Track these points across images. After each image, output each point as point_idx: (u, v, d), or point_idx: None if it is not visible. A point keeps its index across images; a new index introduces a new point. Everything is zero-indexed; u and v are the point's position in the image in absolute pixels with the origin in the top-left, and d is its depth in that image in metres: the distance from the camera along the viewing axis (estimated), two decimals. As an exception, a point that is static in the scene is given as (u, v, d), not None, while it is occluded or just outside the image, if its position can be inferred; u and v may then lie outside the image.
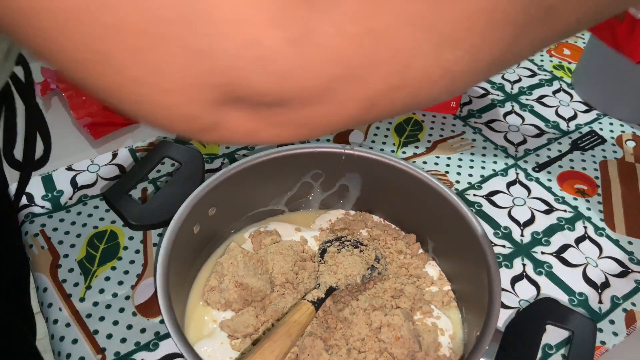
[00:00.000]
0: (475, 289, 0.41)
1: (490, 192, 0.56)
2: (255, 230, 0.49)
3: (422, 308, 0.44)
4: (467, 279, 0.44)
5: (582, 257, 0.51)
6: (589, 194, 0.57)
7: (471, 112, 0.66)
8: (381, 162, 0.47)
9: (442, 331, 0.43)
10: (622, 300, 0.47)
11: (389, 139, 0.62)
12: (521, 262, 0.50)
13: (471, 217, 0.42)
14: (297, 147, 0.47)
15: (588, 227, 0.53)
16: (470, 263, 0.42)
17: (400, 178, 0.47)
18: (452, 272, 0.47)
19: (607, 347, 0.44)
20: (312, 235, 0.49)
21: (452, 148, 0.61)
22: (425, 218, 0.47)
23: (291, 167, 0.48)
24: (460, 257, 0.45)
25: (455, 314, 0.44)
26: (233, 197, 0.46)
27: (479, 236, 0.41)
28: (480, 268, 0.40)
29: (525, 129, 0.64)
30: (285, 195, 0.50)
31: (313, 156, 0.47)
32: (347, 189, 0.50)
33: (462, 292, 0.45)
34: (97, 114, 0.61)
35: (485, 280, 0.39)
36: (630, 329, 0.45)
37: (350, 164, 0.48)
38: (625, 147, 0.63)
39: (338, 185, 0.50)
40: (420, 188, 0.46)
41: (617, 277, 0.49)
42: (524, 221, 0.54)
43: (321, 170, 0.49)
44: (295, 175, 0.49)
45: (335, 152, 0.47)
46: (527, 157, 0.61)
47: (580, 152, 0.61)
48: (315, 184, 0.50)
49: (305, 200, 0.51)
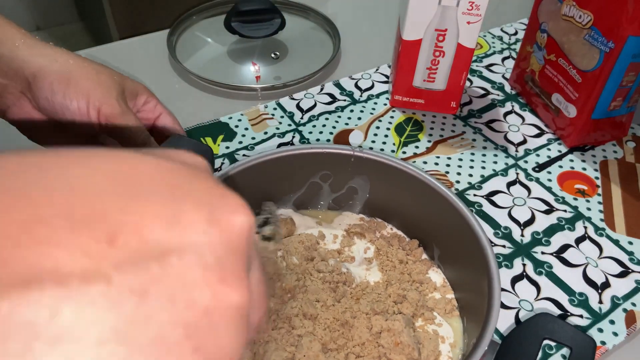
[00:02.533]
0: (476, 298, 0.41)
1: (490, 192, 0.56)
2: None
3: (425, 315, 0.43)
4: (470, 287, 0.43)
5: (582, 257, 0.51)
6: (589, 194, 0.57)
7: (471, 112, 0.66)
8: (391, 166, 0.46)
9: (442, 339, 0.42)
10: (622, 301, 0.47)
11: (389, 139, 0.62)
12: (521, 262, 0.50)
13: (475, 225, 0.42)
14: (307, 147, 0.47)
15: (588, 227, 0.53)
16: (472, 271, 0.42)
17: (409, 183, 0.46)
18: (456, 279, 0.46)
19: (607, 347, 0.44)
20: (333, 232, 0.49)
21: (453, 148, 0.61)
22: (432, 224, 0.47)
23: (301, 166, 0.47)
24: (464, 265, 0.44)
25: (457, 322, 0.44)
26: (241, 194, 0.45)
27: (482, 246, 0.40)
28: (481, 276, 0.40)
29: (525, 129, 0.64)
30: (294, 195, 0.50)
31: (322, 156, 0.47)
32: (356, 191, 0.50)
33: (464, 300, 0.45)
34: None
35: (485, 289, 0.39)
36: (630, 329, 0.45)
37: (359, 166, 0.48)
38: (626, 147, 0.63)
39: (346, 187, 0.50)
40: (426, 193, 0.45)
41: (617, 277, 0.49)
42: (524, 221, 0.54)
43: (330, 172, 0.49)
44: (304, 175, 0.49)
45: (344, 153, 0.47)
46: (528, 157, 0.61)
47: (581, 152, 0.61)
48: (324, 185, 0.50)
49: (314, 201, 0.51)
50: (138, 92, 0.45)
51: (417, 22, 0.58)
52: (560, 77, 0.60)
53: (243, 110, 0.65)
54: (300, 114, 0.65)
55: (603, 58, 0.54)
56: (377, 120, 0.64)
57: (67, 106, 0.41)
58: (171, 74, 0.71)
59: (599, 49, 0.54)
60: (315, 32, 0.78)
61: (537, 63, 0.64)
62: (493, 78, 0.71)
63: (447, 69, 0.61)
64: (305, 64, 0.70)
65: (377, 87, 0.69)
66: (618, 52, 0.52)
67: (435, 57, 0.61)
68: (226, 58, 0.72)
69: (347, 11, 0.86)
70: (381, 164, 0.47)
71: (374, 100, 0.67)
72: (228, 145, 0.60)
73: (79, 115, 0.41)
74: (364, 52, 0.76)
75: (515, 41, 0.78)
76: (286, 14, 0.73)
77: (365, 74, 0.71)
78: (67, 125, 0.42)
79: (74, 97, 0.40)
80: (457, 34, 0.58)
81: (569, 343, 0.39)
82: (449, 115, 0.66)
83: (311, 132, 0.62)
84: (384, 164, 0.47)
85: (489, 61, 0.74)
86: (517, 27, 0.81)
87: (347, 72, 0.72)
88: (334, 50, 0.73)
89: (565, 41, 0.59)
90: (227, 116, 0.64)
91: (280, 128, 0.63)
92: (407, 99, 0.65)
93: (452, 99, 0.64)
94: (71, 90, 0.40)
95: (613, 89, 0.55)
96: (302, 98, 0.67)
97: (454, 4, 0.56)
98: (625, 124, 0.62)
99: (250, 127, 0.63)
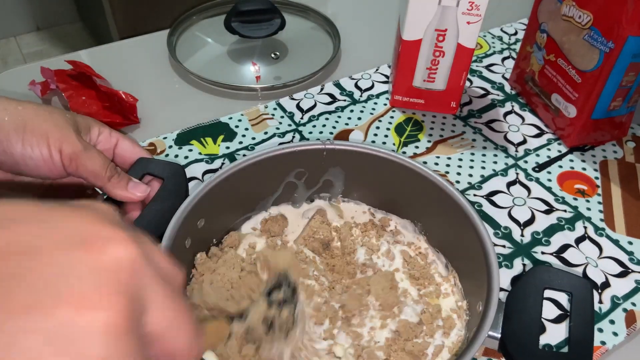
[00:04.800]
0: (472, 263, 0.42)
1: (490, 192, 0.56)
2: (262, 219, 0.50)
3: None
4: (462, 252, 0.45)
5: (582, 257, 0.51)
6: (589, 194, 0.57)
7: (471, 112, 0.66)
8: (362, 153, 0.48)
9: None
10: (622, 300, 0.47)
11: (389, 139, 0.62)
12: (521, 262, 0.50)
13: (452, 190, 0.44)
14: (278, 149, 0.47)
15: (588, 227, 0.53)
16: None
17: (381, 166, 0.47)
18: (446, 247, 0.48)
19: (607, 347, 0.44)
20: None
21: (452, 148, 0.61)
22: (415, 201, 0.49)
23: (274, 168, 0.48)
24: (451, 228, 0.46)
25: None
26: (220, 206, 0.46)
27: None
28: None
29: (525, 129, 0.64)
30: (271, 197, 0.50)
31: (295, 155, 0.47)
32: (332, 184, 0.51)
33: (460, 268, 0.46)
34: (97, 113, 0.61)
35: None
36: (630, 329, 0.45)
37: (332, 158, 0.48)
38: (626, 147, 0.63)
39: (322, 181, 0.51)
40: (403, 173, 0.47)
41: (617, 277, 0.49)
42: (524, 221, 0.54)
43: (304, 168, 0.49)
44: (279, 177, 0.49)
45: (316, 148, 0.48)
46: (527, 157, 0.61)
47: (580, 152, 0.61)
48: (299, 183, 0.50)
49: (291, 200, 0.51)
50: (90, 126, 0.44)
51: (417, 22, 0.58)
52: (560, 77, 0.60)
53: (243, 110, 0.65)
54: (300, 114, 0.65)
55: (603, 58, 0.54)
56: (377, 120, 0.65)
57: (28, 155, 0.39)
58: (171, 74, 0.71)
59: (598, 49, 0.54)
60: (315, 32, 0.78)
61: (537, 63, 0.64)
62: (493, 78, 0.72)
63: (447, 69, 0.61)
64: (305, 64, 0.70)
65: (377, 87, 0.69)
66: (618, 52, 0.52)
67: (435, 57, 0.61)
68: (226, 58, 0.72)
69: (347, 11, 0.86)
70: (353, 153, 0.48)
71: (374, 100, 0.67)
72: (228, 146, 0.60)
73: (42, 162, 0.40)
74: (364, 52, 0.76)
75: (515, 41, 0.78)
76: (286, 14, 0.73)
77: (365, 74, 0.71)
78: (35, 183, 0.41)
79: (35, 144, 0.39)
80: (457, 34, 0.58)
81: (568, 289, 0.40)
82: (449, 115, 0.66)
83: (311, 132, 0.62)
84: (356, 152, 0.48)
85: (488, 61, 0.74)
86: (517, 27, 0.81)
87: (347, 72, 0.72)
88: (334, 50, 0.73)
89: (565, 41, 0.59)
90: (227, 116, 0.64)
91: (281, 128, 0.63)
92: (407, 99, 0.65)
93: (452, 99, 0.64)
94: (28, 136, 0.39)
95: (613, 89, 0.55)
96: (302, 98, 0.67)
97: (454, 4, 0.56)
98: (625, 124, 0.62)
99: (250, 127, 0.63)
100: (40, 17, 2.14)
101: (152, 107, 0.65)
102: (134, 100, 0.62)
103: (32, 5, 2.10)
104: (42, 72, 0.65)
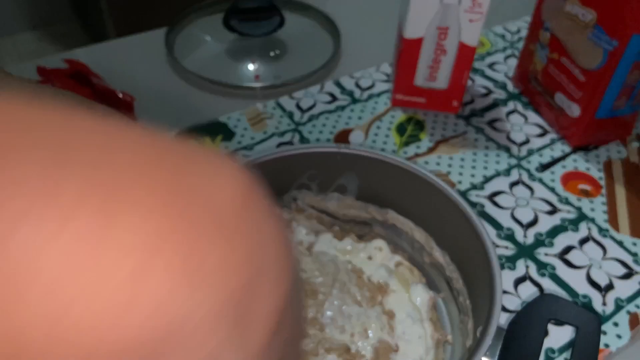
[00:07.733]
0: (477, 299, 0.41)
1: (492, 192, 0.56)
2: None
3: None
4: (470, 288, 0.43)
5: (585, 259, 0.50)
6: (592, 195, 0.56)
7: (473, 111, 0.66)
8: (377, 160, 0.46)
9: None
10: (626, 303, 0.47)
11: (390, 139, 0.61)
12: (524, 264, 0.49)
13: (469, 210, 0.42)
14: (292, 149, 0.46)
15: (592, 228, 0.53)
16: (473, 267, 0.42)
17: (396, 175, 0.46)
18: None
19: (611, 349, 0.44)
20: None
21: (454, 148, 0.61)
22: (425, 215, 0.47)
23: (287, 169, 0.47)
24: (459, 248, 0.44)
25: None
26: None
27: (484, 242, 0.40)
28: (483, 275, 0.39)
29: (528, 129, 0.64)
30: (281, 197, 0.49)
31: (308, 156, 0.46)
32: (345, 189, 0.50)
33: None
34: (94, 113, 0.60)
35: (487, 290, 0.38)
36: (634, 332, 0.45)
37: (346, 163, 0.47)
38: (630, 147, 0.62)
39: (336, 185, 0.50)
40: (417, 184, 0.45)
41: (621, 279, 0.49)
42: (527, 222, 0.53)
43: (317, 171, 0.48)
44: (290, 177, 0.48)
45: (330, 151, 0.47)
46: (530, 157, 0.60)
47: (584, 152, 0.61)
48: (312, 185, 0.49)
49: None
50: None
51: (419, 20, 0.57)
52: (564, 76, 0.59)
53: (242, 109, 0.64)
54: (300, 113, 0.64)
55: (607, 57, 0.53)
56: (378, 119, 0.64)
57: None
58: (169, 73, 0.70)
59: (602, 48, 0.53)
60: (315, 31, 0.77)
61: (540, 62, 0.63)
62: (495, 77, 0.71)
63: (449, 67, 0.61)
64: (305, 63, 0.70)
65: (377, 86, 0.68)
66: (622, 50, 0.52)
67: (437, 55, 0.60)
68: (225, 57, 0.71)
69: (347, 9, 0.85)
70: (368, 159, 0.46)
71: (375, 99, 0.67)
72: (227, 146, 0.59)
73: None
74: (365, 50, 0.75)
75: (518, 39, 0.77)
76: (285, 11, 0.72)
77: (366, 73, 0.70)
78: None
79: None
80: (459, 32, 0.57)
81: (574, 322, 0.39)
82: (451, 115, 0.65)
83: (311, 132, 0.61)
84: (371, 158, 0.46)
85: (491, 60, 0.74)
86: (520, 25, 0.80)
87: (348, 71, 0.71)
88: (334, 48, 0.72)
89: (568, 39, 0.58)
90: (225, 116, 0.63)
91: (280, 128, 0.62)
92: (409, 98, 0.65)
93: (454, 98, 0.64)
94: None
95: (617, 88, 0.55)
96: (301, 97, 0.66)
97: (456, 2, 0.55)
98: (629, 124, 0.61)
99: (249, 126, 0.62)
100: (36, 15, 2.13)
101: (150, 106, 0.64)
102: (132, 99, 0.61)
103: (28, 4, 2.09)
104: (39, 71, 0.64)
